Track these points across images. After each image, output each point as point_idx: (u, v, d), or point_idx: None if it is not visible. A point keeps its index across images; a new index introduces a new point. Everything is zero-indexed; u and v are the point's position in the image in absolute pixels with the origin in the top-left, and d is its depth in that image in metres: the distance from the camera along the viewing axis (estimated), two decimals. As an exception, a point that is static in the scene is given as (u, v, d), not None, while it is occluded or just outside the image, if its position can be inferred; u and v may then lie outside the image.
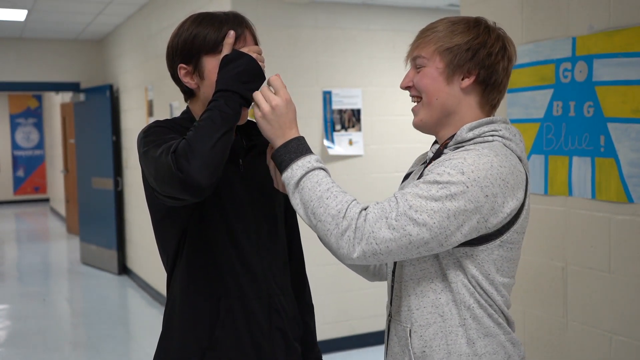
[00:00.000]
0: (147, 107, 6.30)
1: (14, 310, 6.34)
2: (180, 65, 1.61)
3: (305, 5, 4.58)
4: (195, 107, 1.67)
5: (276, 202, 1.73)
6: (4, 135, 15.28)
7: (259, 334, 1.64)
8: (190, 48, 1.58)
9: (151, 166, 1.46)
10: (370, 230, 1.29)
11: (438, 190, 1.29)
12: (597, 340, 2.24)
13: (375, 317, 4.91)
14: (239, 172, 1.65)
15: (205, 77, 1.59)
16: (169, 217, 1.62)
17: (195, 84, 1.62)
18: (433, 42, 1.44)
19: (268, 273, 1.67)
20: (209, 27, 1.58)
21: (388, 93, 4.92)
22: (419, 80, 1.47)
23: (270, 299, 1.67)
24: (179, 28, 1.63)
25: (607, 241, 2.20)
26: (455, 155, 1.34)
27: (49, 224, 12.40)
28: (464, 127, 1.42)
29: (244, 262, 1.63)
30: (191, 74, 1.61)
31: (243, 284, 1.63)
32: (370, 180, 4.86)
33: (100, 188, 7.66)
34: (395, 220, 1.28)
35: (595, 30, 2.21)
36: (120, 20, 6.97)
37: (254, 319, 1.64)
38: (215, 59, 1.56)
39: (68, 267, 8.31)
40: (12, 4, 5.96)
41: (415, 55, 1.47)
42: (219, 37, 1.56)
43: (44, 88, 8.69)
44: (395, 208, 1.30)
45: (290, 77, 4.52)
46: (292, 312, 1.74)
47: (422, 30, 1.49)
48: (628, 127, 2.10)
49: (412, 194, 1.31)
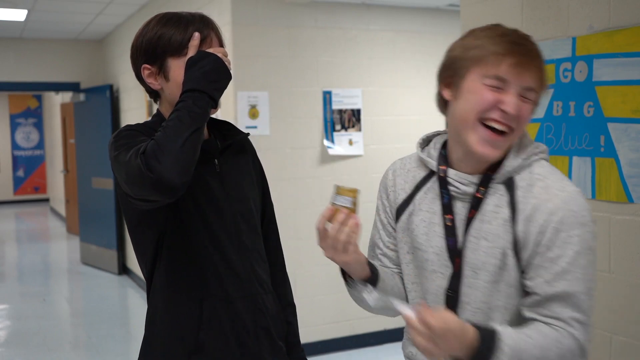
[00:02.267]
0: (147, 107, 6.30)
1: (14, 310, 6.33)
2: (144, 65, 1.59)
3: (305, 5, 4.58)
4: (163, 108, 1.66)
5: (252, 200, 1.72)
6: (4, 135, 15.28)
7: (245, 335, 1.62)
8: (154, 48, 1.56)
9: (122, 170, 1.44)
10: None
11: (586, 259, 1.26)
12: (597, 340, 2.24)
13: (375, 317, 4.90)
14: (215, 172, 1.64)
15: (170, 79, 1.57)
16: (145, 222, 1.60)
17: (159, 84, 1.60)
18: (543, 76, 1.32)
19: (250, 272, 1.66)
20: (174, 28, 1.56)
21: (388, 93, 4.92)
22: (527, 114, 1.32)
23: (254, 298, 1.65)
24: (144, 28, 1.61)
25: (607, 241, 2.19)
26: (558, 207, 1.28)
27: (49, 224, 12.39)
28: (530, 149, 1.37)
29: (226, 262, 1.61)
30: (155, 74, 1.59)
31: (227, 284, 1.61)
32: (370, 180, 4.85)
33: (100, 188, 7.66)
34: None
35: (595, 30, 2.21)
36: (120, 20, 6.97)
37: (238, 320, 1.62)
38: (181, 61, 1.54)
39: (68, 267, 8.31)
40: (12, 4, 5.96)
41: (528, 87, 1.31)
42: (185, 38, 1.54)
43: (44, 88, 8.68)
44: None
45: (290, 77, 4.52)
46: (275, 311, 1.73)
47: (539, 56, 1.32)
48: (628, 127, 2.10)
49: (573, 281, 1.26)
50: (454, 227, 1.38)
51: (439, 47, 5.19)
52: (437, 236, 1.40)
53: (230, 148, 1.70)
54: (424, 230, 1.43)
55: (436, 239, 1.40)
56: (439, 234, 1.40)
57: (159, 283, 1.63)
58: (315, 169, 4.64)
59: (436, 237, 1.40)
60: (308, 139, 4.63)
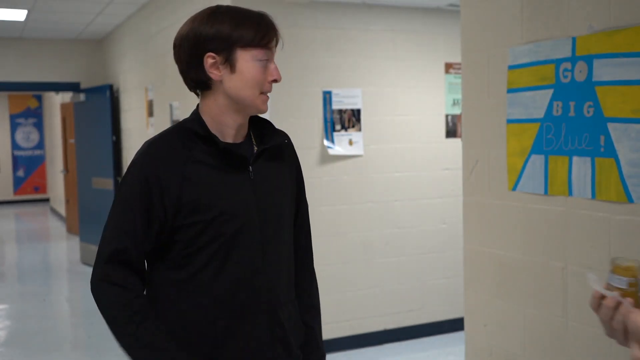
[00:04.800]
0: (147, 107, 6.30)
1: (14, 310, 6.33)
2: (209, 54, 1.57)
3: (305, 5, 4.57)
4: (208, 101, 1.63)
5: (285, 206, 1.69)
6: (4, 135, 15.28)
7: (258, 350, 1.60)
8: (227, 38, 1.55)
9: (104, 230, 1.57)
10: None
11: None
12: (597, 340, 2.24)
13: (375, 317, 4.91)
14: (249, 179, 1.62)
15: (236, 70, 1.57)
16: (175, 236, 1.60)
17: (220, 75, 1.58)
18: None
19: (274, 284, 1.63)
20: (247, 20, 1.57)
21: (388, 93, 4.92)
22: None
23: (274, 312, 1.62)
24: (207, 17, 1.58)
25: (607, 241, 2.19)
26: None
27: (49, 224, 12.40)
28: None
29: (247, 277, 1.59)
30: (219, 64, 1.58)
31: (244, 301, 1.58)
32: (370, 180, 4.86)
33: (100, 188, 7.66)
34: None
35: (595, 30, 2.21)
36: (120, 20, 6.97)
37: (254, 335, 1.60)
38: (249, 54, 1.55)
39: (68, 267, 8.31)
40: (12, 4, 5.96)
41: None
42: (257, 33, 1.56)
43: (44, 88, 8.68)
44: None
45: (290, 77, 4.52)
46: (295, 321, 1.70)
47: None
48: (628, 127, 2.10)
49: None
50: None
51: (439, 47, 5.22)
52: None
53: (266, 152, 1.67)
54: None
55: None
56: None
57: (172, 295, 1.60)
58: (315, 169, 4.64)
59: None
60: (308, 139, 4.63)
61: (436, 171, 5.11)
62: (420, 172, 5.05)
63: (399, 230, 4.96)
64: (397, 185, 4.95)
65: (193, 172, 1.55)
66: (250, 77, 1.56)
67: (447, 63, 5.14)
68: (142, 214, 1.54)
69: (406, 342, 4.99)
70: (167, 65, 5.42)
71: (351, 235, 4.79)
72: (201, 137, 1.59)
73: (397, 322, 5.03)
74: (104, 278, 1.54)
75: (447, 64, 5.14)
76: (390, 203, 4.92)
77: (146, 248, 1.57)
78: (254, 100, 1.59)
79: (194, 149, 1.58)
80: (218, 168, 1.58)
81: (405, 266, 5.00)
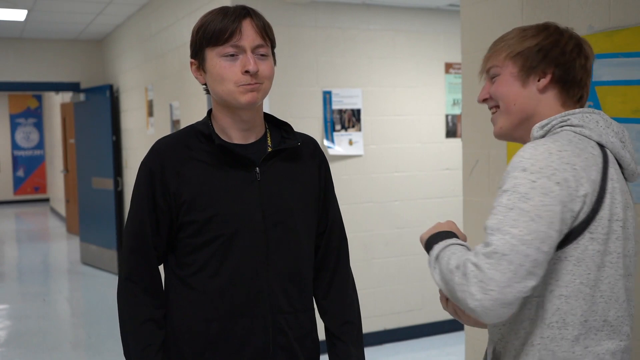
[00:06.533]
0: (147, 107, 6.30)
1: (14, 310, 6.33)
2: (191, 60, 1.61)
3: (305, 5, 4.58)
4: (213, 104, 1.64)
5: (296, 211, 1.63)
6: (4, 135, 15.28)
7: (255, 356, 1.58)
8: (195, 41, 1.58)
9: (124, 230, 1.67)
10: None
11: (509, 198, 1.24)
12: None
13: (376, 317, 4.91)
14: (254, 180, 1.58)
15: (206, 70, 1.57)
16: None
17: (203, 79, 1.60)
18: (504, 50, 1.43)
19: (276, 288, 1.59)
20: (212, 19, 1.55)
21: (388, 93, 4.92)
22: (495, 89, 1.43)
23: (275, 317, 1.59)
24: (196, 25, 1.60)
25: (607, 241, 2.19)
26: (515, 156, 1.29)
27: (49, 224, 12.40)
28: (535, 126, 1.38)
29: (244, 279, 1.56)
30: (199, 68, 1.60)
31: (239, 304, 1.56)
32: (370, 180, 4.86)
33: (100, 188, 7.66)
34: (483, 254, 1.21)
35: (595, 30, 2.21)
36: (120, 20, 6.97)
37: (248, 341, 1.57)
38: (216, 52, 1.53)
39: (68, 267, 8.31)
40: (12, 4, 5.96)
41: (489, 67, 1.46)
42: (220, 28, 1.53)
43: (44, 88, 8.68)
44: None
45: (290, 77, 4.52)
46: (304, 331, 1.66)
47: (493, 43, 1.47)
48: (628, 127, 2.10)
49: (491, 217, 1.26)
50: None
51: (439, 47, 5.21)
52: None
53: (282, 153, 1.64)
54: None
55: None
56: None
57: (176, 290, 1.63)
58: (315, 169, 4.63)
59: None
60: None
61: (436, 171, 5.11)
62: (420, 172, 5.05)
63: (399, 230, 4.96)
64: (397, 185, 4.95)
65: (190, 170, 1.56)
66: (216, 73, 1.54)
67: (447, 63, 5.14)
68: (149, 203, 1.58)
69: (406, 342, 4.99)
70: (167, 65, 5.41)
71: (351, 235, 4.76)
72: (206, 137, 1.60)
73: (397, 322, 5.03)
74: (129, 277, 1.66)
75: (447, 64, 5.14)
76: (390, 203, 4.92)
77: (161, 232, 1.59)
78: (231, 94, 1.54)
79: (196, 148, 1.58)
80: (217, 167, 1.57)
81: (405, 266, 5.00)
